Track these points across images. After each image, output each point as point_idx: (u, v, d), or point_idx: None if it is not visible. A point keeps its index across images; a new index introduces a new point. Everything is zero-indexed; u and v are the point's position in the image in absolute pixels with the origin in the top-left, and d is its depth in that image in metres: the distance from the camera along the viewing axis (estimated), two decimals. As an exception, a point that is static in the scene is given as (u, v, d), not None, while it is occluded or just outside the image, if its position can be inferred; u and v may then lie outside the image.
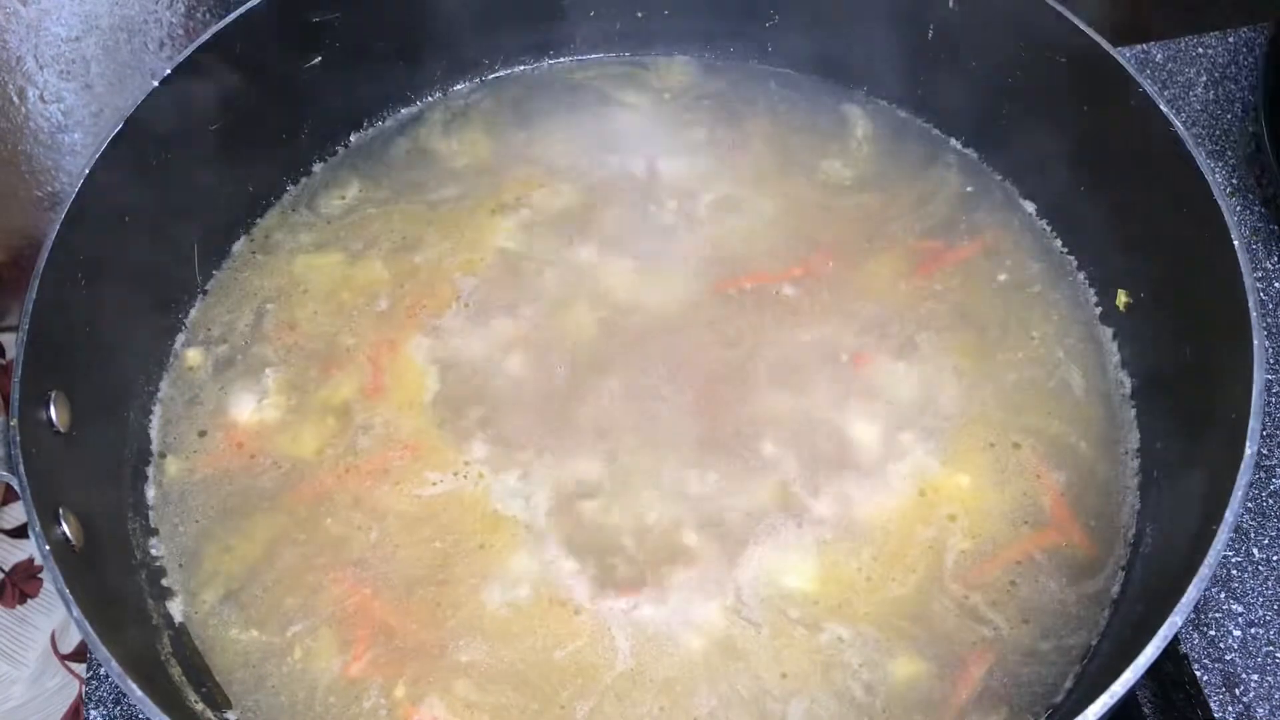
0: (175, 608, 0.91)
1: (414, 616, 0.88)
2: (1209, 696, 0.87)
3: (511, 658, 0.86)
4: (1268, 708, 0.86)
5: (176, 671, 0.86)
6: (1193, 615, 0.89)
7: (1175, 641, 0.88)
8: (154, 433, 0.99)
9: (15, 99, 1.24)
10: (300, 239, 1.09)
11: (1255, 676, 0.88)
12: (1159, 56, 1.21)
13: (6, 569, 1.46)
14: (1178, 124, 0.90)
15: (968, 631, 0.87)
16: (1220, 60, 1.20)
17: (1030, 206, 1.09)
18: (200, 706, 0.85)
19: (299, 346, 1.02)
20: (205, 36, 0.98)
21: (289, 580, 0.91)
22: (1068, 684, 0.85)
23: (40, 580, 1.46)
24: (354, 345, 1.02)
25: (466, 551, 0.91)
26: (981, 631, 0.87)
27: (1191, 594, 0.73)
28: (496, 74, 1.19)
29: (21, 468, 0.80)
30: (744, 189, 1.10)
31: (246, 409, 0.99)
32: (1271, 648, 0.89)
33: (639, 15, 1.17)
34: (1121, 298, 1.00)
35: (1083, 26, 0.96)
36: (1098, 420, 0.97)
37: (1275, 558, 0.92)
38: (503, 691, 0.85)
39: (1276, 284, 1.05)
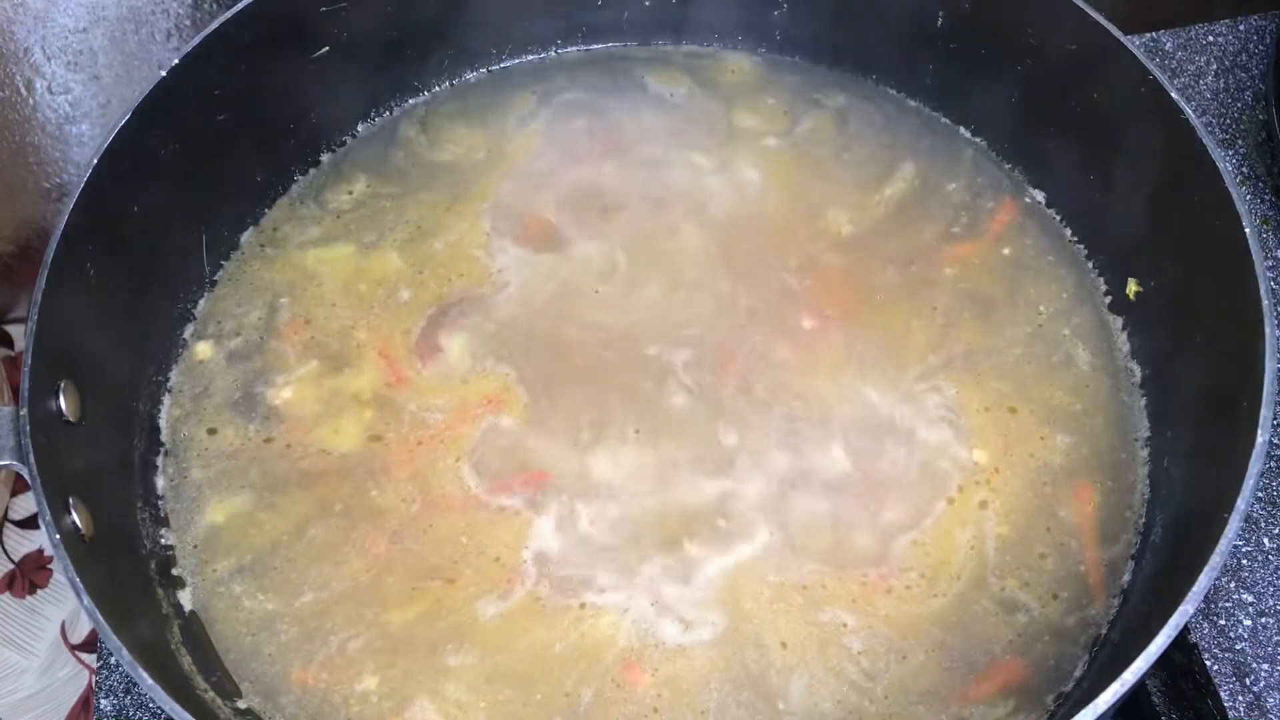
0: (185, 597, 0.91)
1: (417, 605, 0.89)
2: (1219, 686, 0.87)
3: (509, 658, 0.87)
4: (1278, 697, 0.86)
5: (186, 661, 0.87)
6: (1203, 605, 0.89)
7: (1185, 631, 0.88)
8: (163, 423, 0.99)
9: (23, 91, 1.24)
10: (308, 233, 1.09)
11: (1265, 666, 0.88)
12: (1169, 45, 1.20)
13: (16, 559, 1.46)
14: (1189, 112, 0.89)
15: (1005, 629, 0.87)
16: (1231, 48, 1.20)
17: (1039, 195, 1.08)
18: (210, 695, 0.85)
19: (316, 341, 1.02)
20: (212, 27, 0.98)
21: (313, 552, 0.92)
22: (1077, 672, 0.85)
23: (50, 571, 1.46)
24: (375, 338, 1.01)
25: (492, 536, 0.92)
26: (1018, 620, 0.87)
27: (1202, 583, 0.72)
28: (504, 64, 1.19)
29: (32, 457, 0.80)
30: (754, 173, 1.10)
31: (268, 403, 0.99)
32: (1282, 637, 0.89)
33: (646, 4, 1.17)
34: (1131, 286, 1.00)
35: (1093, 14, 0.96)
36: (1106, 409, 0.97)
37: (1286, 547, 0.92)
38: (499, 689, 0.85)
39: (1287, 273, 1.05)
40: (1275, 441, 0.97)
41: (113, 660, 0.97)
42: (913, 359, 0.99)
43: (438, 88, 1.18)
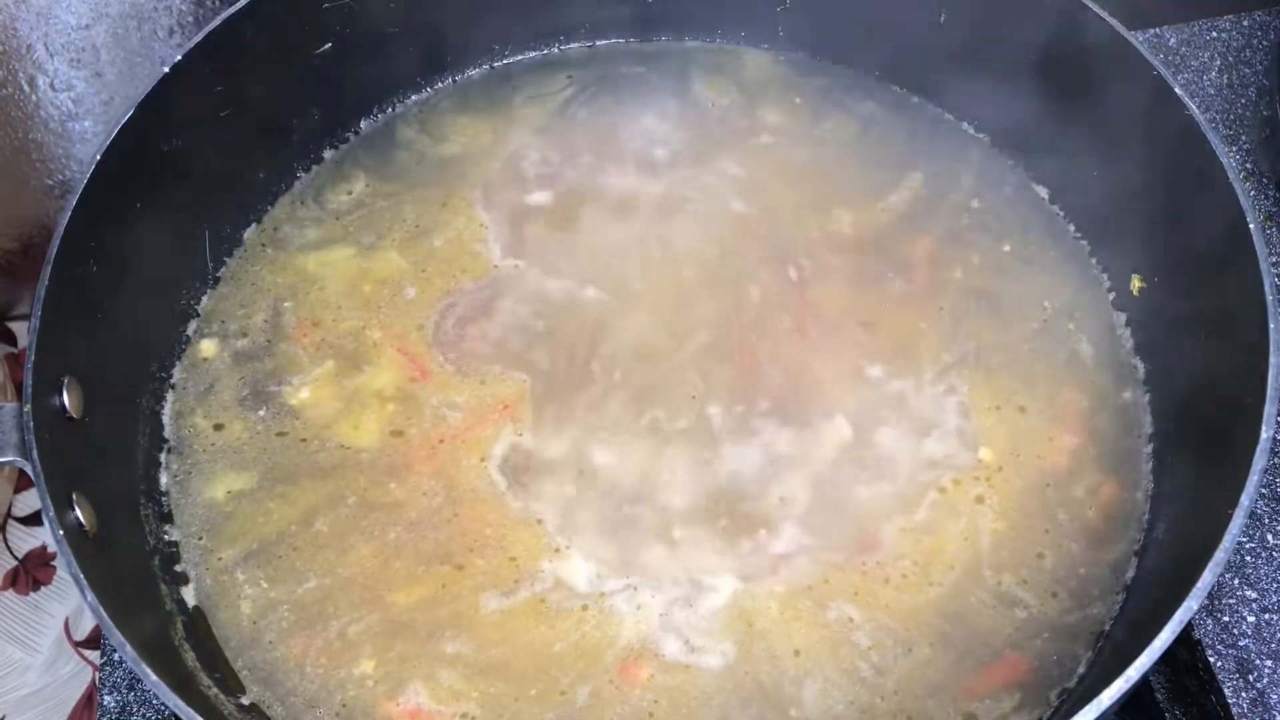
0: (188, 593, 0.91)
1: (422, 588, 0.89)
2: (1222, 683, 0.87)
3: (506, 652, 0.87)
4: (1282, 693, 0.86)
5: (190, 657, 0.87)
6: (1206, 601, 0.89)
7: (1189, 627, 0.88)
8: (167, 419, 0.99)
9: (25, 87, 1.24)
10: (307, 235, 1.08)
11: (1269, 663, 0.87)
12: (1173, 40, 1.20)
13: (20, 556, 1.46)
14: (1193, 108, 0.89)
15: (1004, 622, 0.87)
16: (1234, 44, 1.20)
17: (1043, 192, 1.08)
18: (214, 691, 0.85)
19: (329, 342, 1.02)
20: (215, 23, 0.98)
21: (321, 540, 0.92)
22: (1081, 668, 0.85)
23: (53, 567, 1.46)
24: (390, 336, 1.01)
25: (507, 534, 0.92)
26: (1016, 615, 0.87)
27: (1206, 578, 0.72)
28: (506, 61, 1.19)
29: (35, 453, 0.80)
30: (755, 168, 1.10)
31: (283, 401, 0.99)
32: (1286, 633, 0.88)
33: (649, 1, 1.17)
34: (1135, 283, 1.00)
35: (1097, 10, 0.96)
36: (1110, 404, 0.97)
37: (1289, 543, 0.92)
38: (492, 682, 0.85)
39: (1291, 269, 1.05)
40: (1279, 438, 0.97)
41: (116, 657, 0.97)
42: (926, 357, 0.99)
43: (440, 84, 1.18)
